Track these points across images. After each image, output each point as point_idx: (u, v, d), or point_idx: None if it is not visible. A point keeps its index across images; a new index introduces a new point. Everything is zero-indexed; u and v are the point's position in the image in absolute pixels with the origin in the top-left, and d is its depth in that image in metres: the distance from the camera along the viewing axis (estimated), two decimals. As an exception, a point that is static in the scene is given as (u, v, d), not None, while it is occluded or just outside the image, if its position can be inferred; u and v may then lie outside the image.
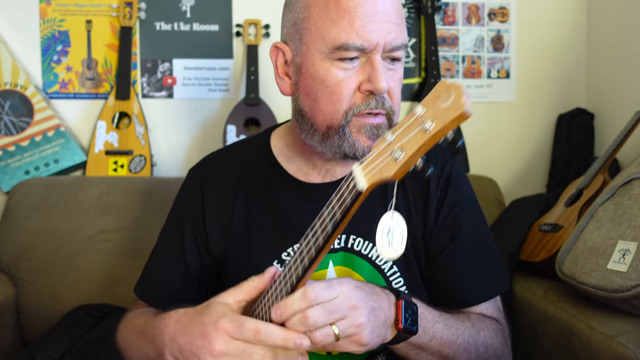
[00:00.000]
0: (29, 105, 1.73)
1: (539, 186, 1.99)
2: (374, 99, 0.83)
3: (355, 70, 0.83)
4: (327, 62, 0.83)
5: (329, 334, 0.68)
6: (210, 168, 1.02)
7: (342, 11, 0.80)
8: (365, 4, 0.80)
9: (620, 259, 1.11)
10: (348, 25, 0.80)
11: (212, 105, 1.91)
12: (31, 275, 1.54)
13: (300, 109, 0.90)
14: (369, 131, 0.84)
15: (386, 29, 0.81)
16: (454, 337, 0.82)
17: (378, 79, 0.80)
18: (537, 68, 2.00)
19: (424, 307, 0.81)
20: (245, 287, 0.76)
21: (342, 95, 0.83)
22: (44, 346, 1.34)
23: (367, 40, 0.80)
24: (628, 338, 1.03)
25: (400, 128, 0.62)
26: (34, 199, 1.60)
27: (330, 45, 0.81)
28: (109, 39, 1.86)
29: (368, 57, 0.82)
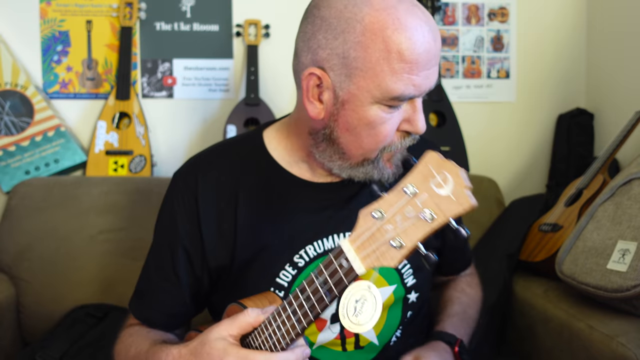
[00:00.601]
0: (29, 105, 1.74)
1: (539, 186, 1.99)
2: (410, 137, 0.87)
3: (397, 112, 0.84)
4: (376, 105, 0.82)
5: None
6: (201, 171, 0.96)
7: (404, 64, 0.78)
8: (424, 54, 0.79)
9: (620, 259, 1.11)
10: (408, 78, 0.79)
11: (212, 105, 1.91)
12: (31, 275, 1.54)
13: (334, 139, 0.87)
14: (394, 160, 0.90)
15: (433, 74, 0.82)
16: (472, 315, 1.12)
17: (419, 122, 0.84)
18: (537, 68, 2.00)
19: (456, 328, 1.03)
20: (240, 322, 0.75)
21: (386, 135, 0.85)
22: (44, 346, 1.34)
23: (421, 91, 0.82)
24: (628, 338, 1.03)
25: (392, 208, 0.58)
26: (34, 199, 1.60)
27: (387, 95, 0.80)
28: (109, 39, 1.86)
29: (414, 100, 0.84)
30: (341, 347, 0.94)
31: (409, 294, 0.98)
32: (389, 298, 0.96)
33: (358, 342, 0.95)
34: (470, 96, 1.98)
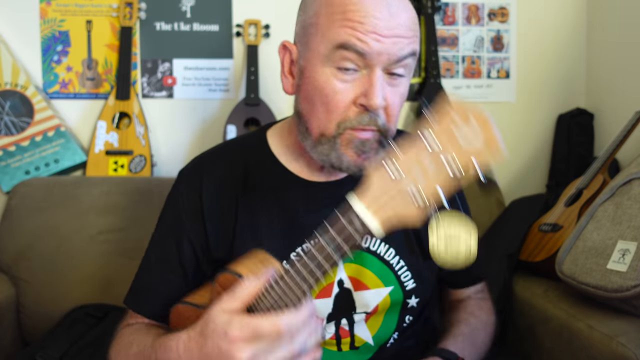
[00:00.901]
0: (29, 105, 1.74)
1: (539, 186, 1.99)
2: (367, 114, 0.82)
3: (353, 83, 0.82)
4: (328, 68, 0.82)
5: None
6: (205, 170, 0.98)
7: (345, 20, 0.80)
8: (372, 19, 0.79)
9: (620, 259, 1.11)
10: (351, 30, 0.79)
11: (212, 105, 1.91)
12: (31, 275, 1.54)
13: (299, 111, 0.90)
14: (357, 146, 0.83)
15: (392, 41, 0.80)
16: (478, 345, 1.03)
17: (373, 94, 0.80)
18: (537, 68, 2.00)
19: (458, 346, 0.96)
20: (241, 295, 0.72)
21: (338, 106, 0.82)
22: (44, 346, 1.34)
23: (369, 48, 0.79)
24: (628, 338, 1.03)
25: (410, 162, 0.54)
26: (34, 199, 1.60)
27: (331, 45, 0.81)
28: (109, 39, 1.86)
29: (369, 71, 0.81)
30: (336, 347, 0.94)
31: (409, 298, 0.97)
32: (384, 300, 0.95)
33: (353, 342, 0.95)
34: (470, 96, 1.98)
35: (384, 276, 0.95)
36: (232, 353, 0.67)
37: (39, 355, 1.31)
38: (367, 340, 0.95)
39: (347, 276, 0.94)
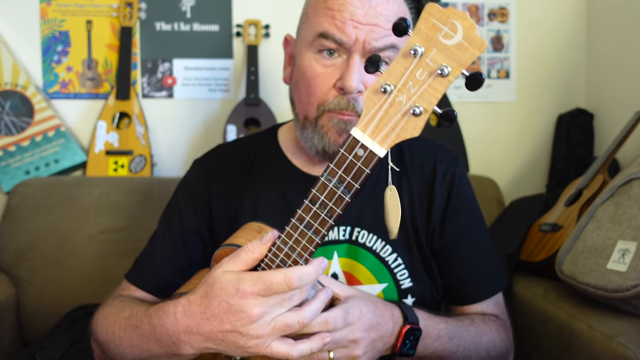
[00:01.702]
0: (30, 106, 1.74)
1: (539, 186, 1.99)
2: (345, 98, 0.84)
3: (334, 68, 0.85)
4: (310, 52, 0.86)
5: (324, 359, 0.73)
6: (217, 158, 1.04)
7: (326, 9, 0.85)
8: (350, 5, 0.83)
9: (619, 259, 1.11)
10: (331, 20, 0.84)
11: (212, 105, 1.91)
12: (32, 275, 1.54)
13: (291, 98, 0.95)
14: (337, 125, 0.85)
15: (369, 29, 0.83)
16: (454, 347, 0.86)
17: (349, 76, 0.82)
18: (537, 68, 2.00)
19: (431, 325, 0.84)
20: (244, 259, 0.70)
21: (317, 89, 0.86)
22: (44, 346, 1.34)
23: (347, 35, 0.83)
24: (628, 338, 1.03)
25: (401, 76, 0.55)
26: (35, 199, 1.60)
27: (314, 33, 0.85)
28: (109, 39, 1.86)
29: (347, 56, 0.84)
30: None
31: (404, 297, 0.97)
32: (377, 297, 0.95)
33: None
34: (470, 96, 1.98)
35: (378, 273, 0.95)
36: (245, 309, 0.66)
37: (39, 355, 1.31)
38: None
39: (341, 270, 0.95)
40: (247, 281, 0.66)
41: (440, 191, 0.97)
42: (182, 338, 0.71)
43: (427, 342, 0.83)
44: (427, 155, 1.00)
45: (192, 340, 0.70)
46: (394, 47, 0.85)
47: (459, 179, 0.99)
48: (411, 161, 0.99)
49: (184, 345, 0.71)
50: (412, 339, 0.80)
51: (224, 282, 0.67)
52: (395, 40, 0.84)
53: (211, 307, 0.68)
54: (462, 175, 1.01)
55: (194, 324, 0.69)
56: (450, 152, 1.03)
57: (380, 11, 0.84)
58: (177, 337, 0.71)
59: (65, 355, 1.32)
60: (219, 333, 0.67)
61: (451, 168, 0.99)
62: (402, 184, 0.97)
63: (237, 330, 0.66)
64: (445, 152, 1.02)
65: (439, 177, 0.97)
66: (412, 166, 0.99)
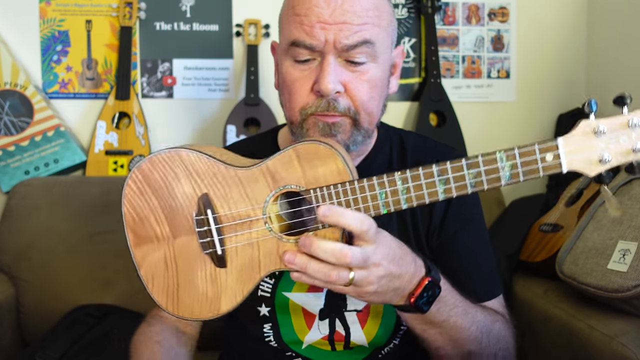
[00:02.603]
0: (29, 105, 1.73)
1: (539, 186, 1.99)
2: (324, 100, 0.84)
3: (310, 71, 0.85)
4: (288, 60, 0.87)
5: (344, 277, 0.70)
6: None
7: (295, 16, 0.85)
8: (316, 7, 0.83)
9: (620, 259, 1.11)
10: (300, 25, 0.84)
11: (212, 105, 1.91)
12: (31, 275, 1.53)
13: (281, 103, 0.94)
14: (322, 129, 0.86)
15: (338, 28, 0.82)
16: (468, 324, 0.84)
17: (323, 79, 0.82)
18: (537, 68, 2.00)
19: (449, 291, 0.83)
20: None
21: (297, 94, 0.86)
22: (44, 346, 1.34)
23: (316, 39, 0.82)
24: (628, 338, 1.03)
25: (614, 130, 0.67)
26: (34, 199, 1.60)
27: (286, 42, 0.86)
28: (109, 39, 1.86)
29: (322, 59, 0.84)
30: (330, 346, 0.94)
31: None
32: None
33: (348, 342, 0.94)
34: (471, 96, 1.98)
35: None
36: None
37: (39, 355, 1.31)
38: (362, 343, 0.95)
39: None
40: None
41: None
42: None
43: (442, 306, 0.80)
44: (431, 155, 0.99)
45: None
46: (368, 42, 0.84)
47: None
48: (414, 159, 0.98)
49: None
50: (430, 294, 0.77)
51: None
52: (368, 35, 0.84)
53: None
54: None
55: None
56: (455, 151, 1.02)
57: (347, 8, 0.82)
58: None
59: (65, 355, 1.32)
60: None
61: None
62: None
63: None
64: (450, 152, 1.00)
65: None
66: (414, 165, 0.98)
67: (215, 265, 0.78)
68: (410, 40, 1.96)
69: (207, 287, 0.78)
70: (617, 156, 0.67)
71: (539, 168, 0.69)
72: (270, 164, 0.76)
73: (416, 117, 1.91)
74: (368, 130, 0.88)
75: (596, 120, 0.68)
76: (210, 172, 0.78)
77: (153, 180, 0.80)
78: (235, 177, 0.77)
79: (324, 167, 0.74)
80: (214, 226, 0.77)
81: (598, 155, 0.68)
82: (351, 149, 0.88)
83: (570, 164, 0.69)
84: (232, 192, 0.77)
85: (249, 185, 0.77)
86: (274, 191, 0.76)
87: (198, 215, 0.78)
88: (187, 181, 0.78)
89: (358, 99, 0.86)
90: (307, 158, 0.74)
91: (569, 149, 0.69)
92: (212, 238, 0.77)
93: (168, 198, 0.79)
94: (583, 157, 0.69)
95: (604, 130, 0.67)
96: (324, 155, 0.74)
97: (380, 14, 0.85)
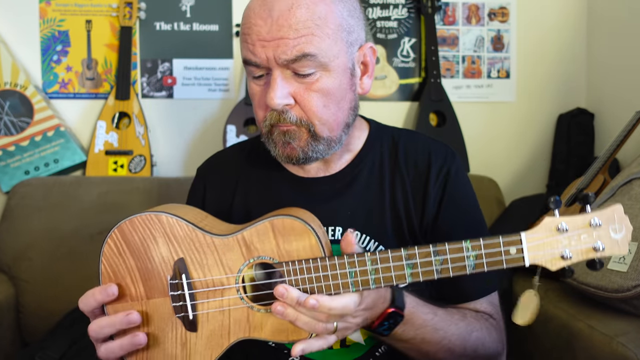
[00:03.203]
0: (29, 105, 1.73)
1: (539, 186, 1.99)
2: (275, 113, 0.87)
3: (265, 86, 0.88)
4: (248, 75, 0.90)
5: (330, 328, 0.76)
6: (213, 164, 1.07)
7: (242, 34, 0.88)
8: (254, 27, 0.85)
9: (620, 259, 1.11)
10: (245, 43, 0.87)
11: (212, 105, 1.91)
12: (31, 275, 1.54)
13: None
14: (279, 137, 0.89)
15: (275, 44, 0.83)
16: (438, 339, 0.86)
17: (269, 94, 0.85)
18: (537, 68, 2.00)
19: (418, 309, 0.85)
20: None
21: (256, 107, 0.90)
22: (44, 346, 1.34)
23: (258, 57, 0.84)
24: (628, 338, 1.03)
25: (576, 228, 0.70)
26: (34, 199, 1.60)
27: (241, 60, 0.90)
28: (109, 39, 1.86)
29: (270, 74, 0.86)
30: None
31: None
32: None
33: (344, 340, 0.94)
34: (471, 96, 1.98)
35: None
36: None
37: (39, 355, 1.31)
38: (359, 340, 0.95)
39: None
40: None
41: (434, 188, 0.95)
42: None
43: (407, 327, 0.84)
44: (422, 151, 0.98)
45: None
46: (309, 55, 0.83)
47: (454, 175, 0.97)
48: (406, 157, 0.98)
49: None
50: (391, 322, 0.81)
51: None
52: (307, 48, 0.83)
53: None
54: (458, 171, 0.98)
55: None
56: (448, 147, 1.01)
57: (282, 23, 0.83)
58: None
59: (65, 356, 1.32)
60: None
61: (446, 164, 0.97)
62: (395, 181, 0.96)
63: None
64: (441, 148, 1.00)
65: (434, 173, 0.96)
66: (406, 162, 0.97)
67: (186, 329, 0.80)
68: (410, 40, 1.96)
69: (177, 350, 0.80)
70: (578, 254, 0.70)
71: (502, 260, 0.72)
72: (246, 234, 0.79)
73: (416, 117, 1.91)
74: (330, 138, 0.89)
75: (560, 218, 0.71)
76: (188, 237, 0.80)
77: (132, 241, 0.83)
78: (212, 245, 0.80)
79: (297, 242, 0.77)
80: (187, 291, 0.79)
81: (560, 251, 0.71)
82: (313, 157, 0.90)
83: (533, 259, 0.72)
84: (208, 259, 0.79)
85: (224, 254, 0.79)
86: (248, 261, 0.79)
87: (173, 279, 0.80)
88: (164, 245, 0.81)
89: (308, 109, 0.87)
90: (282, 232, 0.77)
91: (533, 244, 0.72)
92: (185, 302, 0.79)
93: (145, 260, 0.81)
94: (545, 253, 0.71)
95: (567, 227, 0.70)
96: (300, 231, 0.77)
97: (322, 22, 0.85)
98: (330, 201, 0.95)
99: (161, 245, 0.81)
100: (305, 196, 0.96)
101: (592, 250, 0.70)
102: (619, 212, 0.71)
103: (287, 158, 0.90)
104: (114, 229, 0.85)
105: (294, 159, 0.90)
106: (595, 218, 0.70)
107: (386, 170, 0.97)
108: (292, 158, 0.90)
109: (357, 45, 0.91)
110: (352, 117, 0.93)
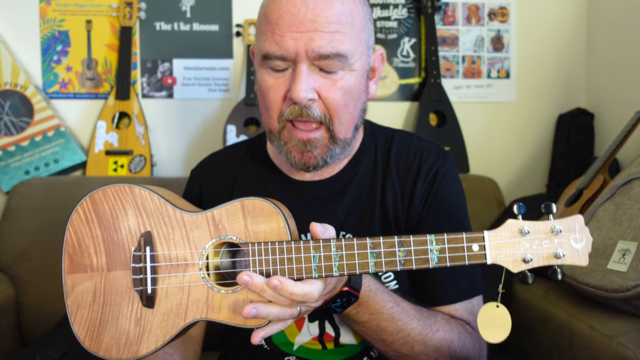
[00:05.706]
0: (29, 105, 1.73)
1: (539, 186, 1.99)
2: (297, 107, 0.85)
3: (284, 79, 0.85)
4: (262, 69, 0.87)
5: (294, 314, 0.76)
6: (208, 167, 1.06)
7: (267, 24, 0.84)
8: (286, 15, 0.82)
9: (620, 259, 1.11)
10: (270, 36, 0.83)
11: (212, 105, 1.91)
12: (31, 276, 1.54)
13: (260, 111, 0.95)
14: (297, 146, 0.87)
15: (308, 37, 0.81)
16: (395, 329, 0.86)
17: (294, 87, 0.82)
18: (537, 68, 2.00)
19: (378, 295, 0.84)
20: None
21: (271, 102, 0.87)
22: (44, 346, 1.34)
23: (286, 50, 0.82)
24: (628, 338, 1.03)
25: (538, 233, 0.72)
26: (34, 199, 1.60)
27: (260, 54, 0.86)
28: (109, 39, 1.86)
29: (295, 66, 0.84)
30: (321, 346, 0.95)
31: None
32: None
33: (338, 342, 0.94)
34: (471, 96, 1.98)
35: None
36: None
37: (39, 355, 1.31)
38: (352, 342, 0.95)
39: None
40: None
41: (421, 188, 0.95)
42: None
43: (361, 310, 0.84)
44: (414, 152, 0.98)
45: None
46: (342, 56, 0.83)
47: (442, 176, 0.96)
48: (397, 158, 0.97)
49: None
50: (344, 301, 0.82)
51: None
52: (342, 48, 0.82)
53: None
54: (448, 172, 0.97)
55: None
56: (441, 149, 1.01)
57: (318, 14, 0.81)
58: None
59: (65, 356, 1.32)
60: None
61: (436, 165, 0.96)
62: (386, 182, 0.96)
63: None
64: (434, 149, 0.99)
65: (423, 173, 0.95)
66: (397, 163, 0.97)
67: (143, 304, 0.79)
68: (410, 40, 1.96)
69: (130, 326, 0.79)
70: (539, 258, 0.72)
71: (465, 256, 0.73)
72: (215, 213, 0.78)
73: (416, 117, 1.91)
74: (345, 140, 0.89)
75: (523, 221, 0.73)
76: (157, 211, 0.80)
77: (102, 211, 0.82)
78: (180, 220, 0.79)
79: (265, 224, 0.77)
80: (149, 264, 0.78)
81: (521, 253, 0.73)
82: (328, 162, 0.89)
83: (495, 257, 0.73)
84: (175, 234, 0.79)
85: (191, 230, 0.79)
86: (214, 240, 0.78)
87: (137, 251, 0.79)
88: (133, 217, 0.80)
89: (332, 107, 0.86)
90: (252, 213, 0.77)
91: (495, 242, 0.74)
92: (145, 275, 0.78)
93: (111, 231, 0.81)
94: (507, 253, 0.73)
95: (529, 230, 0.72)
96: (268, 213, 0.77)
97: (353, 20, 0.84)
98: (326, 205, 0.95)
99: (130, 217, 0.80)
100: (302, 200, 0.95)
101: (552, 256, 0.72)
102: (580, 223, 0.72)
103: (304, 165, 0.89)
104: (85, 197, 0.84)
105: (311, 167, 0.89)
106: (557, 225, 0.72)
107: (379, 171, 0.97)
108: (310, 166, 0.89)
109: (372, 48, 0.92)
110: (361, 120, 0.93)
